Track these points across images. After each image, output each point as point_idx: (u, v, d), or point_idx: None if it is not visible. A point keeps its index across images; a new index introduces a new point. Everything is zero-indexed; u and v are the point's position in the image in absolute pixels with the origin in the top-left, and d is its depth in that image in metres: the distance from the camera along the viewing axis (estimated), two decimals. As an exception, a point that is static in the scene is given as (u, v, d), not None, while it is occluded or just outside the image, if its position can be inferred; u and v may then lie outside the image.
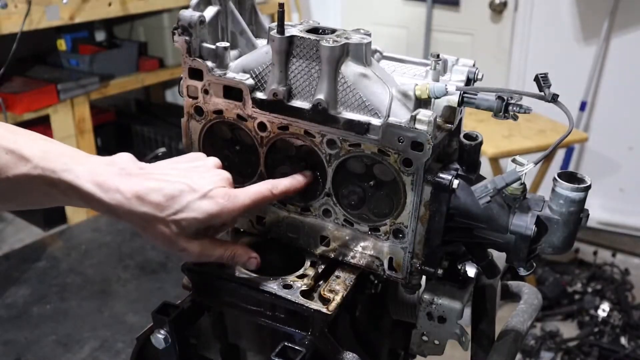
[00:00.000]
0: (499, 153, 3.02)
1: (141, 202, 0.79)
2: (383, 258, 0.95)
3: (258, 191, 0.87)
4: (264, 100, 0.92)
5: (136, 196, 0.79)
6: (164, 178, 0.82)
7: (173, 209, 0.80)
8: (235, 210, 0.83)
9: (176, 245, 0.83)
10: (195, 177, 0.83)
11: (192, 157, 0.90)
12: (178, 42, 0.93)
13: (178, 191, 0.80)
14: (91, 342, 2.60)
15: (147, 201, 0.79)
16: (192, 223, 0.81)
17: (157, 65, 3.92)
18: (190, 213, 0.80)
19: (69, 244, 3.36)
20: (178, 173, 0.84)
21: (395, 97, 0.88)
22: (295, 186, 0.92)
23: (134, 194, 0.79)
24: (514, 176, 0.85)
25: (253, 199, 0.85)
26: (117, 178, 0.80)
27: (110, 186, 0.79)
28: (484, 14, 3.94)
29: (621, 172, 3.80)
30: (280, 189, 0.90)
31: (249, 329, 1.01)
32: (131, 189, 0.79)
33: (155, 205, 0.79)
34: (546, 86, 0.84)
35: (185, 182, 0.81)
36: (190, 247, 0.83)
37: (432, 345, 1.03)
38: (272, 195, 0.88)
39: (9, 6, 2.79)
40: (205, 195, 0.81)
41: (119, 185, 0.79)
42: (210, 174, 0.85)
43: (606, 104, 3.71)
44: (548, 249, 0.88)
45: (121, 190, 0.79)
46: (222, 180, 0.85)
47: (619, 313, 3.13)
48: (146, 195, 0.79)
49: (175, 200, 0.80)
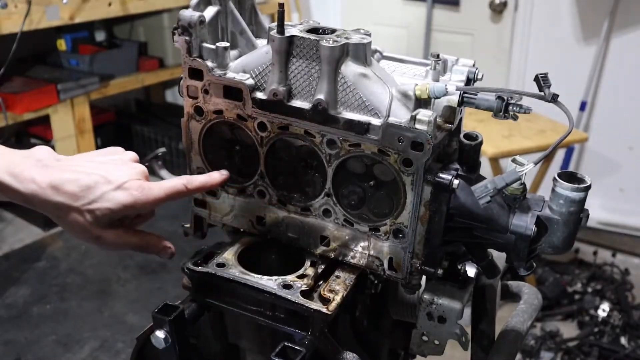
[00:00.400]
0: (499, 153, 3.02)
1: (56, 192, 0.82)
2: (383, 258, 0.95)
3: (172, 186, 0.89)
4: (264, 100, 0.92)
5: (51, 186, 0.82)
6: (79, 169, 0.85)
7: (88, 199, 0.83)
8: (149, 202, 0.86)
9: (90, 233, 0.86)
10: (111, 169, 0.86)
11: (109, 151, 0.92)
12: (178, 42, 0.93)
13: (93, 182, 0.83)
14: (91, 342, 2.61)
15: (62, 191, 0.82)
16: (106, 213, 0.84)
17: (157, 65, 3.92)
18: (104, 203, 0.83)
19: (69, 244, 3.36)
20: (94, 165, 0.87)
21: (395, 97, 0.88)
22: (211, 183, 0.95)
23: (49, 184, 0.82)
24: (514, 176, 0.85)
25: (167, 193, 0.88)
26: (33, 169, 0.83)
27: (26, 177, 0.82)
28: (484, 14, 3.94)
29: (621, 172, 3.80)
30: (195, 184, 0.92)
31: (249, 329, 1.01)
32: (46, 180, 0.82)
33: (70, 195, 0.82)
34: (546, 86, 0.84)
35: (100, 174, 0.84)
36: (105, 235, 0.86)
37: (432, 345, 1.03)
38: (186, 190, 0.90)
39: (9, 6, 2.79)
40: (120, 186, 0.84)
41: (34, 176, 0.82)
42: (127, 166, 0.88)
43: (606, 104, 3.71)
44: (548, 249, 0.88)
45: (36, 180, 0.82)
46: (138, 173, 0.88)
47: (619, 313, 3.13)
48: (61, 185, 0.82)
49: (90, 191, 0.83)
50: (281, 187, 0.99)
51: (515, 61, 3.91)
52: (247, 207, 1.03)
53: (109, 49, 3.86)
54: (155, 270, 3.14)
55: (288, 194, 0.99)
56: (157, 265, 3.18)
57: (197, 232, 1.09)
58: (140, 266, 3.17)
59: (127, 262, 3.20)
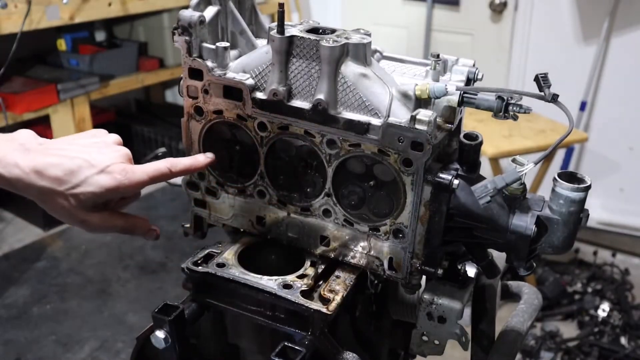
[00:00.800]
0: (499, 153, 3.02)
1: (40, 177, 0.82)
2: (383, 258, 0.95)
3: (156, 168, 0.89)
4: (264, 100, 0.92)
5: (35, 171, 0.82)
6: (63, 153, 0.84)
7: (71, 183, 0.83)
8: (132, 185, 0.86)
9: (76, 217, 0.86)
10: (94, 152, 0.86)
11: (92, 134, 0.92)
12: (178, 42, 0.93)
13: (76, 166, 0.83)
14: (91, 342, 2.60)
15: (45, 176, 0.82)
16: (90, 197, 0.84)
17: (157, 65, 3.92)
18: (88, 187, 0.83)
19: (69, 244, 3.36)
20: (77, 149, 0.86)
21: (395, 97, 0.88)
22: (195, 166, 0.95)
23: (32, 169, 0.82)
24: (514, 176, 0.85)
25: (150, 176, 0.87)
26: (16, 153, 0.82)
27: (9, 161, 0.82)
28: (484, 14, 3.94)
29: (621, 172, 3.80)
30: (179, 167, 0.92)
31: (249, 329, 1.01)
32: (29, 164, 0.82)
33: (54, 179, 0.82)
34: (546, 86, 0.84)
35: (83, 158, 0.84)
36: (90, 218, 0.87)
37: (432, 345, 1.03)
38: (170, 172, 0.90)
39: (9, 6, 2.79)
40: (103, 170, 0.84)
41: (17, 160, 0.82)
42: (110, 149, 0.88)
43: (606, 104, 3.71)
44: (548, 249, 0.88)
45: (20, 165, 0.82)
46: (121, 156, 0.87)
47: (619, 313, 3.13)
48: (45, 169, 0.82)
49: (73, 175, 0.83)
50: (281, 187, 0.99)
51: (515, 61, 3.91)
52: (247, 207, 1.03)
53: (109, 49, 3.86)
54: (155, 270, 3.14)
55: (288, 194, 0.99)
56: (157, 265, 3.18)
57: (197, 232, 1.09)
58: (140, 266, 3.16)
59: (127, 262, 3.20)
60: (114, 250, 3.29)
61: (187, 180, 1.05)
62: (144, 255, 3.25)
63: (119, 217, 0.90)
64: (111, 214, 0.90)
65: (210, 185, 1.04)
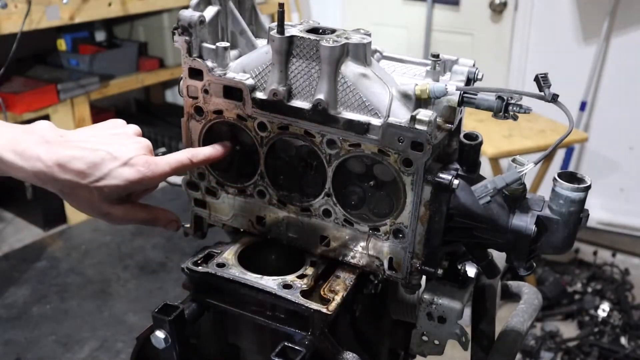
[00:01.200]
0: (499, 153, 3.02)
1: (63, 170, 0.81)
2: (383, 258, 0.95)
3: (177, 159, 0.89)
4: (264, 100, 0.92)
5: (57, 164, 0.81)
6: (85, 146, 0.84)
7: (95, 176, 0.82)
8: (155, 177, 0.86)
9: (99, 210, 0.86)
10: (116, 144, 0.85)
11: (112, 125, 0.92)
12: (178, 42, 0.93)
13: (100, 159, 0.82)
14: (91, 342, 2.60)
15: (69, 169, 0.81)
16: (114, 190, 0.84)
17: (157, 65, 3.92)
18: (112, 180, 0.83)
19: (69, 244, 3.36)
20: (99, 140, 0.86)
21: (395, 97, 0.88)
22: (215, 155, 0.95)
23: (55, 162, 0.81)
24: (514, 176, 0.85)
25: (173, 167, 0.87)
26: (38, 146, 0.81)
27: (31, 154, 0.81)
28: (484, 14, 3.94)
29: (621, 172, 3.80)
30: (200, 157, 0.92)
31: (249, 329, 1.01)
32: (52, 157, 0.81)
33: (77, 172, 0.81)
34: (546, 86, 0.84)
35: (106, 150, 0.83)
36: (114, 211, 0.86)
37: (432, 345, 1.03)
38: (191, 163, 0.90)
39: (9, 6, 2.79)
40: (127, 163, 0.83)
41: (39, 154, 0.81)
42: (131, 141, 0.87)
43: (606, 104, 3.71)
44: (548, 249, 0.88)
45: (42, 158, 0.81)
46: (143, 148, 0.87)
47: (619, 313, 3.13)
48: (67, 163, 0.81)
49: (97, 168, 0.82)
50: (281, 187, 0.99)
51: (515, 61, 3.91)
52: (247, 207, 1.03)
53: (109, 49, 3.86)
54: (155, 270, 3.14)
55: (288, 194, 0.99)
56: (157, 265, 3.18)
57: (197, 232, 1.09)
58: (140, 266, 3.17)
59: (127, 262, 3.20)
60: (114, 250, 3.29)
61: (187, 180, 1.05)
62: (144, 255, 3.25)
63: (141, 209, 0.90)
64: (133, 205, 0.89)
65: (210, 185, 1.04)
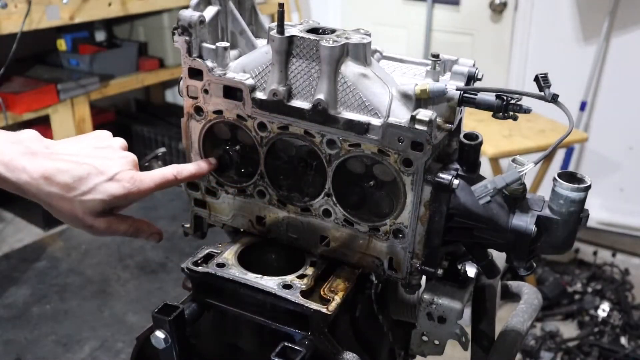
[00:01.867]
0: (499, 153, 3.02)
1: (49, 183, 0.82)
2: (383, 258, 0.95)
3: (163, 175, 0.89)
4: (264, 100, 0.92)
5: (43, 177, 0.81)
6: (71, 159, 0.84)
7: (80, 190, 0.83)
8: (140, 193, 0.86)
9: (83, 222, 0.86)
10: (102, 158, 0.86)
11: (98, 137, 0.92)
12: (178, 42, 0.93)
13: (85, 173, 0.83)
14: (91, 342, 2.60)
15: (54, 182, 0.82)
16: (98, 204, 0.84)
17: (157, 65, 3.92)
18: (97, 195, 0.83)
19: (69, 244, 3.36)
20: (85, 153, 0.86)
21: (395, 97, 0.88)
22: (200, 172, 0.96)
23: (41, 175, 0.81)
24: (514, 176, 0.85)
25: (157, 183, 0.88)
26: (23, 158, 0.82)
27: (17, 166, 0.81)
28: (484, 14, 3.94)
29: (621, 172, 3.80)
30: (184, 174, 0.93)
31: (249, 329, 1.01)
32: (38, 170, 0.81)
33: (63, 186, 0.82)
34: (546, 86, 0.85)
35: (92, 164, 0.84)
36: (97, 224, 0.87)
37: (432, 345, 1.03)
38: (175, 179, 0.91)
39: (9, 6, 2.79)
40: (112, 178, 0.84)
41: (25, 165, 0.81)
42: (117, 155, 0.88)
43: (606, 104, 3.71)
44: (548, 249, 0.88)
45: (27, 170, 0.81)
46: (129, 162, 0.88)
47: (619, 313, 3.13)
48: (53, 176, 0.82)
49: (82, 182, 0.83)
50: (281, 187, 0.99)
51: (515, 61, 3.91)
52: (247, 207, 1.03)
53: (109, 49, 3.86)
54: (155, 270, 3.14)
55: (288, 194, 0.99)
56: (157, 265, 3.18)
57: (197, 232, 1.09)
58: (140, 266, 3.16)
59: (127, 262, 3.20)
60: (113, 251, 3.29)
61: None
62: (144, 255, 3.25)
63: (123, 222, 0.91)
64: (116, 218, 0.90)
65: (210, 185, 1.04)
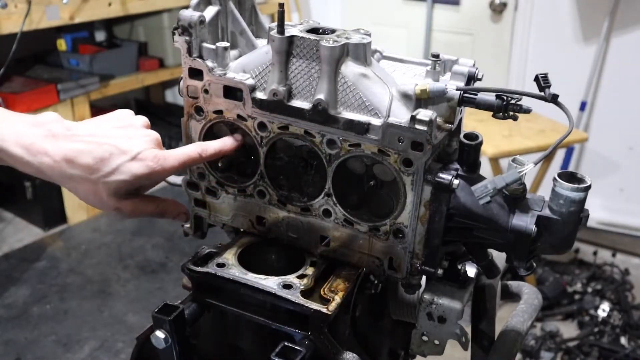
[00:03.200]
0: (499, 153, 3.02)
1: (71, 165, 0.80)
2: (383, 258, 0.95)
3: (187, 154, 0.87)
4: (264, 100, 0.92)
5: (65, 159, 0.80)
6: (92, 140, 0.82)
7: (103, 171, 0.81)
8: (165, 172, 0.85)
9: (108, 205, 0.85)
10: (124, 138, 0.84)
11: (120, 116, 0.90)
12: (178, 42, 0.93)
13: (108, 153, 0.81)
14: (91, 342, 2.61)
15: (76, 164, 0.80)
16: (122, 185, 0.82)
17: (157, 65, 3.92)
18: (120, 176, 0.82)
19: (69, 244, 3.36)
20: (107, 134, 0.84)
21: (395, 97, 0.88)
22: (224, 149, 0.93)
23: (62, 157, 0.80)
24: (514, 176, 0.85)
25: (182, 161, 0.86)
26: (45, 140, 0.80)
27: (38, 149, 0.80)
28: (484, 14, 3.94)
29: (621, 172, 3.80)
30: (209, 152, 0.91)
31: (249, 329, 1.01)
32: (60, 152, 0.80)
33: (85, 167, 0.80)
34: (546, 86, 0.85)
35: (114, 144, 0.82)
36: (123, 206, 0.85)
37: (432, 345, 1.03)
38: (200, 157, 0.89)
39: (9, 6, 2.79)
40: (135, 157, 0.82)
41: (46, 148, 0.80)
42: (140, 134, 0.86)
43: (606, 104, 3.71)
44: (548, 249, 0.88)
45: (49, 153, 0.80)
46: (152, 141, 0.86)
47: (619, 313, 3.13)
48: (75, 158, 0.80)
49: (104, 163, 0.81)
50: (281, 187, 0.99)
51: (515, 61, 3.91)
52: (247, 207, 1.03)
53: (109, 49, 3.86)
54: (155, 270, 3.14)
55: (288, 194, 0.99)
56: (157, 265, 3.18)
57: (197, 232, 1.09)
58: (140, 266, 3.17)
59: (127, 262, 3.20)
60: (114, 250, 3.29)
61: (187, 180, 1.05)
62: (144, 255, 3.25)
63: (150, 202, 0.89)
64: (142, 199, 0.88)
65: (210, 185, 1.04)
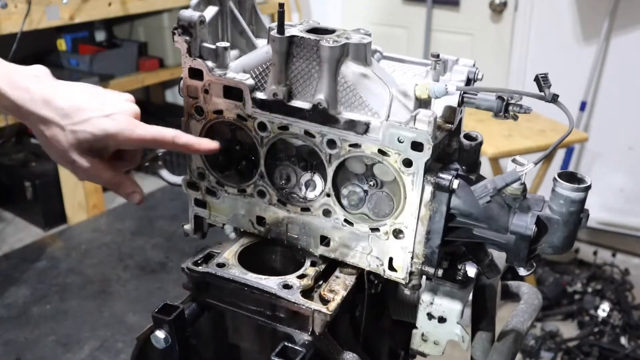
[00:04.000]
0: (499, 153, 3.02)
1: (46, 106, 0.83)
2: (383, 258, 0.95)
3: (160, 131, 0.88)
4: (264, 100, 0.92)
5: (43, 99, 0.83)
6: (74, 90, 0.86)
7: (74, 119, 0.83)
8: (132, 138, 0.85)
9: (67, 156, 0.85)
10: (104, 98, 0.87)
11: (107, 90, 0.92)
12: (178, 42, 0.93)
13: (85, 103, 0.84)
14: (91, 342, 2.60)
15: (52, 106, 0.83)
16: (88, 137, 0.84)
17: (157, 65, 3.92)
18: (89, 127, 0.83)
19: (69, 244, 3.36)
20: (90, 91, 0.88)
21: (395, 97, 0.88)
22: (197, 146, 0.92)
23: (41, 96, 0.83)
24: (514, 176, 0.85)
25: (152, 135, 0.87)
26: (29, 79, 0.84)
27: (21, 85, 0.83)
28: (484, 14, 3.94)
29: (621, 172, 3.80)
30: (182, 140, 0.90)
31: (249, 329, 1.01)
32: (40, 92, 0.83)
33: (59, 110, 0.83)
34: (546, 86, 0.85)
35: (93, 99, 0.85)
36: (80, 161, 0.86)
37: (432, 345, 1.03)
38: (172, 143, 0.89)
39: (9, 6, 2.79)
40: (109, 115, 0.85)
41: (29, 86, 0.83)
42: (121, 101, 0.89)
43: (606, 104, 3.71)
44: (548, 249, 0.88)
45: (30, 90, 0.83)
46: (130, 109, 0.88)
47: (619, 313, 3.13)
48: (53, 99, 0.83)
49: (78, 112, 0.83)
50: (281, 187, 0.99)
51: (515, 61, 3.91)
52: (247, 207, 1.03)
53: (109, 49, 3.86)
54: (155, 270, 3.14)
55: (288, 194, 0.99)
56: (157, 265, 3.18)
57: (197, 232, 1.09)
58: (140, 266, 3.16)
59: (127, 262, 3.20)
60: (114, 250, 3.29)
61: (187, 180, 1.05)
62: (144, 255, 3.25)
63: (108, 169, 0.89)
64: (102, 162, 0.88)
65: (210, 185, 1.04)
